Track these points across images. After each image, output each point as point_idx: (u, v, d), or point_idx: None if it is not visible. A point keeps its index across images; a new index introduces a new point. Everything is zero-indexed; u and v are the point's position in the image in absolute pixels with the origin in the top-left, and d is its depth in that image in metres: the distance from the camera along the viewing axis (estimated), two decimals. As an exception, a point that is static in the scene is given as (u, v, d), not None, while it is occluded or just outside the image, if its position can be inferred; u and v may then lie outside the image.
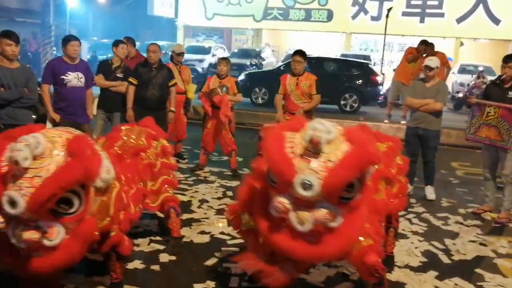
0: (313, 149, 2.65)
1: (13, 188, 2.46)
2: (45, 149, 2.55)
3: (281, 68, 14.08)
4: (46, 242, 2.56)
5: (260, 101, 13.36)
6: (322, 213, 2.63)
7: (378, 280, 3.22)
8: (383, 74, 14.95)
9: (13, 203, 2.43)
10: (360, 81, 13.50)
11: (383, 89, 14.32)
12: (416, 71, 10.70)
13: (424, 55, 10.54)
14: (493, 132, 5.44)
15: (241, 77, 13.72)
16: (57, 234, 2.57)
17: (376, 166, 2.97)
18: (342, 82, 13.20)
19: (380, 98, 13.99)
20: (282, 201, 2.66)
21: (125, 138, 3.73)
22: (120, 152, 3.58)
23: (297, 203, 2.65)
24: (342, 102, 13.04)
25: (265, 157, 2.77)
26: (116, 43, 6.60)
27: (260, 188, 2.98)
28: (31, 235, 2.52)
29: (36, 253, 2.61)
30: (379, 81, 13.88)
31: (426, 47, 10.50)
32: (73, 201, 2.60)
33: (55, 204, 2.53)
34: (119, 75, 6.45)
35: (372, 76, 13.77)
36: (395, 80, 11.10)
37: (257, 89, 13.44)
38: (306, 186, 2.56)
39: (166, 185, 4.16)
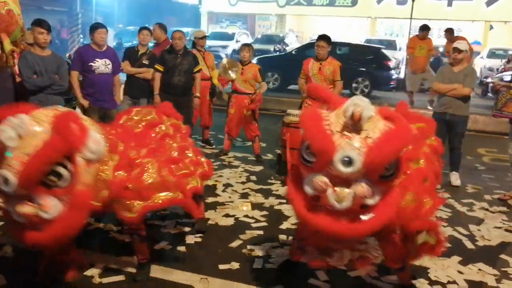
0: (354, 125, 2.61)
1: (4, 167, 2.60)
2: (30, 128, 2.66)
3: (293, 52, 14.07)
4: (44, 215, 2.66)
5: (270, 85, 13.25)
6: (361, 188, 2.57)
7: (402, 265, 3.26)
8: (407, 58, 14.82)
9: (6, 181, 2.57)
10: (373, 65, 13.51)
11: (395, 74, 14.37)
12: (425, 57, 10.84)
13: (445, 42, 10.73)
14: None
15: (253, 61, 13.72)
16: (53, 207, 2.68)
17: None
18: (354, 66, 13.10)
19: (392, 83, 13.96)
20: (322, 179, 2.60)
21: (133, 114, 3.69)
22: (125, 125, 3.55)
23: (334, 181, 2.60)
24: (353, 85, 13.04)
25: (304, 135, 2.73)
26: (139, 30, 6.72)
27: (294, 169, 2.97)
28: (27, 209, 2.66)
29: (38, 227, 2.74)
30: (391, 66, 13.92)
31: (423, 31, 10.76)
32: (62, 173, 2.69)
33: (45, 177, 2.64)
34: (145, 61, 6.54)
35: (385, 61, 13.81)
36: (409, 70, 11.22)
37: (269, 74, 13.35)
38: (347, 162, 2.52)
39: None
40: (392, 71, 14.12)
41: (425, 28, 11.02)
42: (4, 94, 4.61)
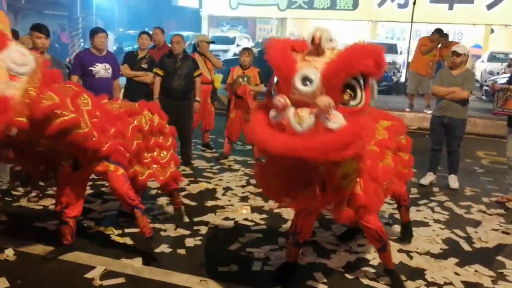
0: (316, 49, 2.58)
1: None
2: None
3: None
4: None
5: None
6: (323, 99, 2.45)
7: (381, 244, 3.41)
8: (409, 63, 14.85)
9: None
10: None
11: (393, 77, 14.40)
12: (431, 60, 10.71)
13: (439, 45, 10.55)
14: None
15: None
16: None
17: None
18: None
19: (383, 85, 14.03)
20: (282, 96, 2.54)
21: (116, 103, 4.03)
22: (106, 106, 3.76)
23: (296, 105, 2.53)
24: None
25: (268, 59, 2.65)
26: (139, 35, 6.87)
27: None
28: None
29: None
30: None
31: (440, 36, 10.47)
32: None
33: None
34: (144, 65, 6.63)
35: None
36: (412, 71, 11.09)
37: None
38: (306, 81, 2.49)
39: (173, 162, 4.36)
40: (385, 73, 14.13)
41: (438, 32, 10.77)
42: None
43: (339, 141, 2.47)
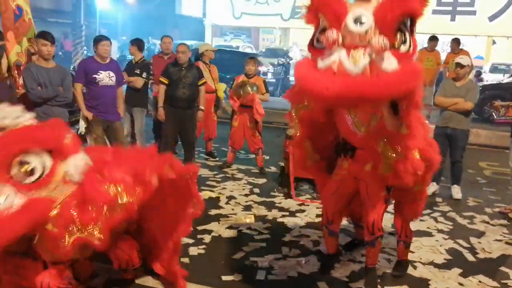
0: None
1: None
2: None
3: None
4: None
5: None
6: (379, 40, 2.42)
7: (372, 239, 3.43)
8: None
9: None
10: None
11: None
12: (433, 69, 10.78)
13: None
14: None
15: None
16: (7, 196, 2.52)
17: None
18: None
19: None
20: (332, 31, 2.47)
21: None
22: None
23: (348, 47, 2.47)
24: None
25: (318, 3, 2.63)
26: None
27: None
28: None
29: None
30: None
31: (431, 41, 10.71)
32: (35, 167, 2.63)
33: (18, 163, 2.61)
34: (137, 71, 6.87)
35: None
36: None
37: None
38: (359, 20, 2.44)
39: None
40: None
41: (433, 39, 10.95)
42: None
43: (399, 78, 2.42)
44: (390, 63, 2.44)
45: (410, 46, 2.57)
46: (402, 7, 2.47)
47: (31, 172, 2.64)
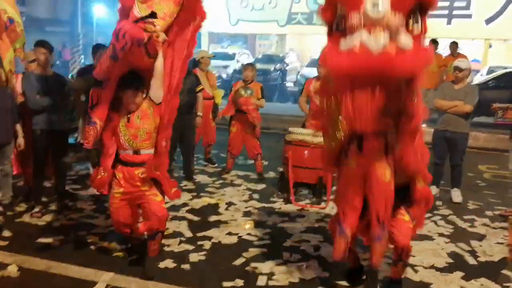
0: None
1: None
2: None
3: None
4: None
5: None
6: (394, 18, 2.67)
7: (379, 234, 3.25)
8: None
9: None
10: None
11: None
12: (436, 72, 10.76)
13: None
14: None
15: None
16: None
17: None
18: None
19: None
20: (355, 15, 2.71)
21: None
22: None
23: (368, 29, 2.69)
24: None
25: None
26: None
27: None
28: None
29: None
30: None
31: (432, 45, 10.65)
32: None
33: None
34: None
35: None
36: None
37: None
38: (376, 5, 2.66)
39: None
40: None
41: (433, 42, 10.92)
42: (3, 114, 4.64)
43: (417, 56, 2.69)
44: (406, 40, 2.69)
45: (421, 27, 2.84)
46: None
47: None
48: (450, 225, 5.26)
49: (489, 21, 20.93)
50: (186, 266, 3.97)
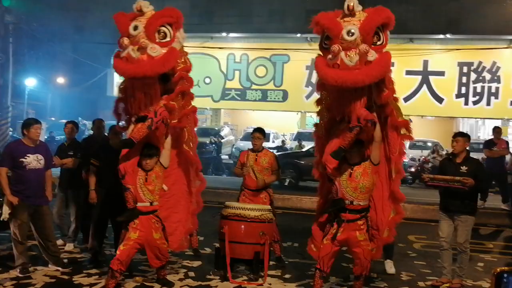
0: (350, 14, 4.45)
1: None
2: None
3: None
4: None
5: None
6: (364, 46, 4.35)
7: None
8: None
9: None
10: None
11: None
12: None
13: None
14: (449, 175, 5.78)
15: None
16: None
17: None
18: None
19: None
20: (336, 45, 4.35)
21: None
22: None
23: (344, 50, 4.37)
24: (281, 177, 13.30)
25: (322, 26, 4.57)
26: (65, 124, 7.19)
27: None
28: None
29: None
30: None
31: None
32: None
33: None
34: (70, 152, 6.87)
35: None
36: None
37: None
38: (350, 33, 4.33)
39: None
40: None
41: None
42: None
43: (380, 66, 4.50)
44: (372, 56, 4.41)
45: (383, 41, 4.58)
46: (378, 21, 4.51)
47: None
48: (385, 297, 5.32)
49: (407, 99, 22.08)
50: None
